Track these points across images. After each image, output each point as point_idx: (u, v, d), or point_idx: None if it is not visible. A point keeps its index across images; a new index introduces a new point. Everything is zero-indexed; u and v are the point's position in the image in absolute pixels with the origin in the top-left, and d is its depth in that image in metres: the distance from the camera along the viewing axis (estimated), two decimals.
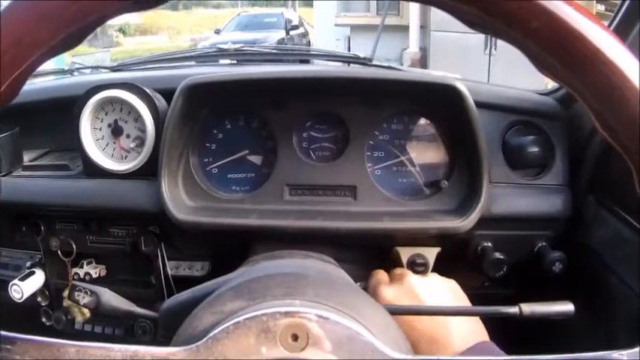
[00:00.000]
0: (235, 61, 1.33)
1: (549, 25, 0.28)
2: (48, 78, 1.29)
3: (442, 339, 0.66)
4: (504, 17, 0.29)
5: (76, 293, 0.58)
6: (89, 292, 0.58)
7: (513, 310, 0.60)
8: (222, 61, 1.35)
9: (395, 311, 0.58)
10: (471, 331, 0.67)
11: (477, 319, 0.70)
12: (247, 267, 0.62)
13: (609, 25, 0.88)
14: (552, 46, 0.29)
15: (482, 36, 6.17)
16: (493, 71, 6.24)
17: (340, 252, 0.83)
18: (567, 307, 0.63)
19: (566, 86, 0.31)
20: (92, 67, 1.40)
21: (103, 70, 1.29)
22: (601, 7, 5.40)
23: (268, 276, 0.44)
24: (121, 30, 23.84)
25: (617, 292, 0.82)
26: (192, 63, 1.37)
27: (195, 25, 26.70)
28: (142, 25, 26.36)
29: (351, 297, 0.43)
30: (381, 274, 0.81)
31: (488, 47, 6.30)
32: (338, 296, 0.42)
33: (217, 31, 12.46)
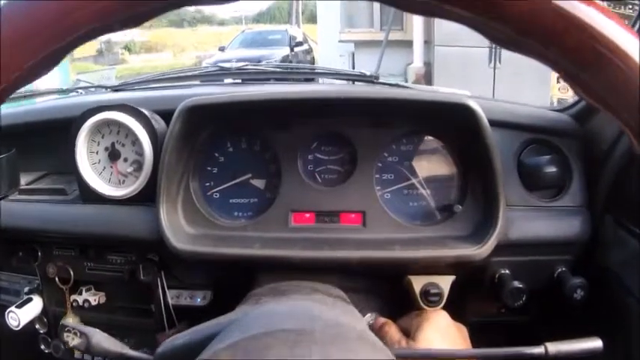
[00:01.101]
0: (240, 80, 1.31)
1: (586, 44, 0.26)
2: (48, 97, 1.27)
3: None
4: (539, 37, 0.27)
5: (65, 334, 0.55)
6: (78, 334, 0.54)
7: (538, 350, 0.56)
8: (226, 80, 1.33)
9: (409, 356, 0.53)
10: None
11: (464, 336, 0.72)
12: (249, 306, 0.58)
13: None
14: (589, 64, 0.27)
15: (486, 50, 6.17)
16: (498, 85, 6.21)
17: (349, 281, 0.78)
18: (595, 343, 0.59)
19: (600, 105, 0.29)
20: (92, 87, 1.37)
21: (104, 90, 1.26)
22: None
23: (267, 334, 0.39)
24: (127, 47, 24.17)
25: (637, 315, 0.77)
26: (197, 82, 1.35)
27: (200, 43, 27.02)
28: (148, 43, 26.70)
29: (362, 352, 0.39)
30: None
31: (493, 61, 6.28)
32: (347, 355, 0.37)
33: (222, 49, 12.51)
